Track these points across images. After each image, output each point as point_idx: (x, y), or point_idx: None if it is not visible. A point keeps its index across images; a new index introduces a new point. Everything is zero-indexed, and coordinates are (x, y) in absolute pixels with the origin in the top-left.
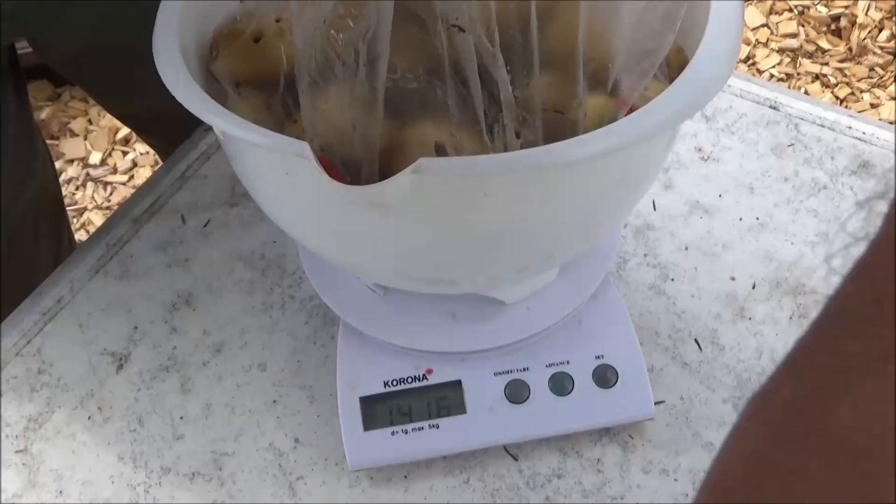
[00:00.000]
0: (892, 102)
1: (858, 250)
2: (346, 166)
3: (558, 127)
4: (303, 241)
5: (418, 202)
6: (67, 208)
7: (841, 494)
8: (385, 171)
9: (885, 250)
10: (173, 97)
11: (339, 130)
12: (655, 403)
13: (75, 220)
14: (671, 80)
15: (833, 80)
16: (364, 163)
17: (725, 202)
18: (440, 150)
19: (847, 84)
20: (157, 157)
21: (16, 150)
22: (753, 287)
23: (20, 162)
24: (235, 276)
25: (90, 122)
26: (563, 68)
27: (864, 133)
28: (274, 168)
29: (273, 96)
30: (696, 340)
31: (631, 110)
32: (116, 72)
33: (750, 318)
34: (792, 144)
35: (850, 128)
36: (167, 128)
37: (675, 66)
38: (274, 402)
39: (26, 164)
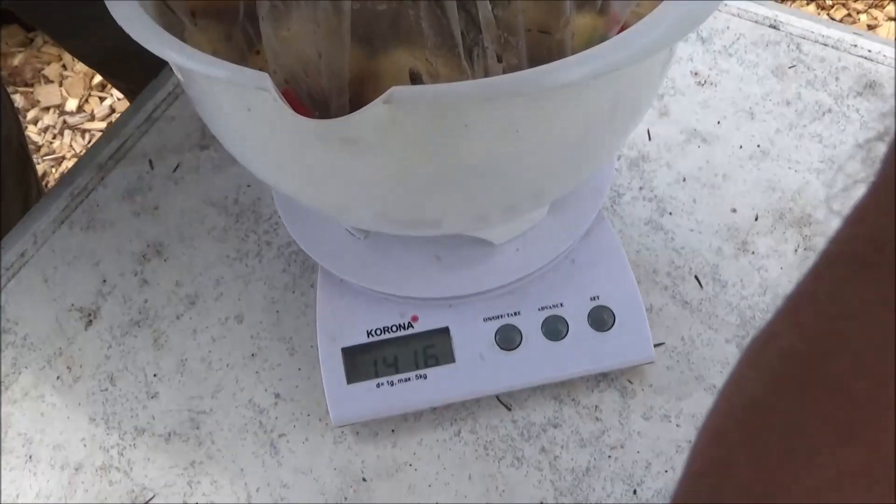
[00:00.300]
0: (890, 23)
1: (858, 192)
2: (314, 99)
3: (544, 49)
4: (273, 185)
5: (393, 136)
6: (45, 158)
7: (841, 443)
8: (356, 104)
9: (884, 193)
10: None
11: (304, 59)
12: (655, 346)
13: (54, 170)
14: None
15: (829, 2)
16: (332, 95)
17: (724, 129)
18: (415, 79)
19: (843, 5)
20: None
21: None
22: (756, 219)
23: None
24: (208, 224)
25: (65, 67)
26: None
27: (869, 51)
28: (234, 104)
29: (233, 26)
30: (696, 277)
31: (622, 29)
32: (72, 10)
33: (753, 252)
34: (794, 66)
35: (854, 46)
36: (132, 69)
37: None
38: (252, 355)
39: None
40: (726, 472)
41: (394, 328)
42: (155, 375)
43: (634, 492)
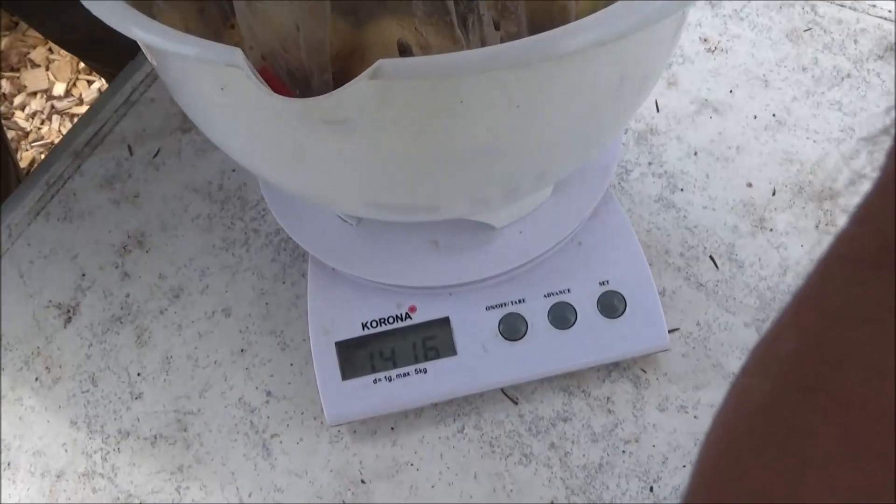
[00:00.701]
0: None
1: (865, 187)
2: (293, 77)
3: (545, 15)
4: (254, 171)
5: (381, 115)
6: (33, 144)
7: (849, 452)
8: (341, 80)
9: (888, 192)
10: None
11: (282, 33)
12: (669, 332)
13: (42, 157)
14: None
15: None
16: (314, 71)
17: (737, 98)
18: (404, 51)
19: None
20: None
21: None
22: (773, 193)
23: None
24: (192, 212)
25: (51, 51)
26: None
27: (889, 11)
28: (207, 84)
29: (206, 0)
30: (711, 258)
31: None
32: None
33: (771, 230)
34: (809, 29)
35: (873, 6)
36: (110, 52)
37: None
38: (241, 351)
39: None
40: (733, 482)
41: (390, 320)
42: (139, 375)
43: (651, 489)
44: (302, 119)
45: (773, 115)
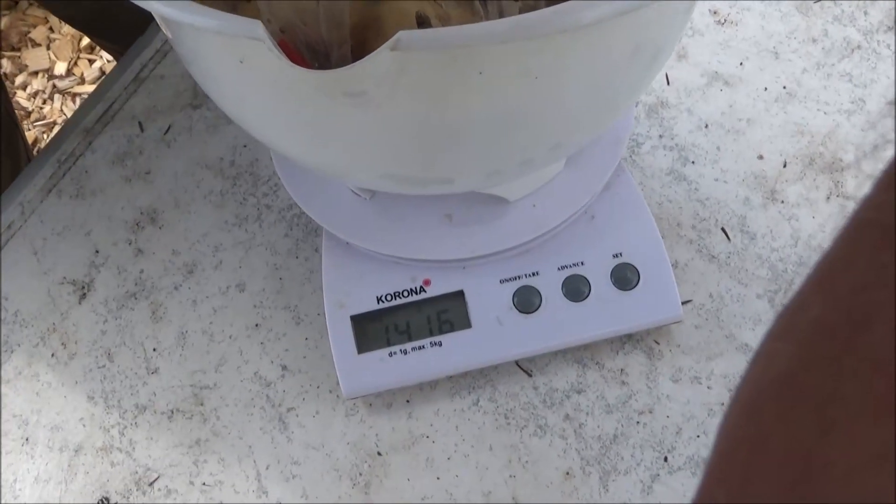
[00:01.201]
0: None
1: (889, 153)
2: (313, 50)
3: None
4: (271, 145)
5: (400, 86)
6: (35, 124)
7: (877, 417)
8: (358, 53)
9: None
10: None
11: (301, 7)
12: (682, 303)
13: (45, 136)
14: None
15: None
16: (333, 45)
17: (747, 71)
18: (423, 23)
19: None
20: None
21: None
22: (784, 165)
23: None
24: (204, 188)
25: (52, 30)
26: None
27: None
28: (226, 57)
29: None
30: (723, 230)
31: None
32: None
33: (782, 202)
34: (819, 0)
35: None
36: (119, 28)
37: None
38: (256, 325)
39: None
40: (759, 451)
41: (405, 293)
42: (154, 350)
43: (665, 459)
44: (322, 91)
45: (784, 87)
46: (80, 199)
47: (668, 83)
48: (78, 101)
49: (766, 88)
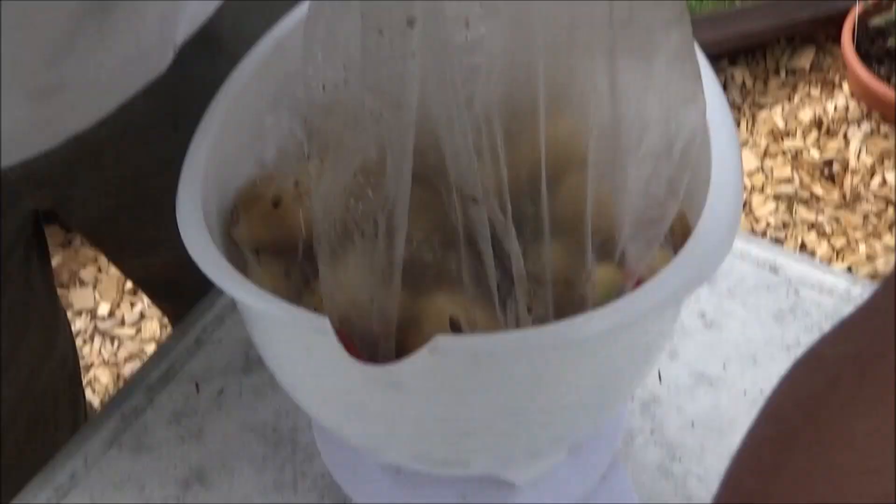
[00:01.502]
0: (889, 254)
1: None
2: (363, 341)
3: (568, 300)
4: (319, 418)
5: (434, 380)
6: None
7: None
8: (399, 344)
9: None
10: (190, 262)
11: (358, 304)
12: None
13: (84, 378)
14: (675, 246)
15: (829, 230)
16: (381, 338)
17: (730, 373)
18: (454, 325)
19: (843, 234)
20: None
21: (41, 324)
22: None
23: (43, 336)
24: (248, 451)
25: (99, 269)
26: (573, 236)
27: (862, 296)
28: (293, 342)
29: (292, 263)
30: None
31: (637, 281)
32: (136, 234)
33: None
34: (792, 310)
35: (848, 293)
36: (179, 293)
37: (678, 232)
38: None
39: (48, 337)
40: (787, 452)
41: None
42: None
43: None
44: (369, 380)
45: (761, 391)
46: (139, 454)
47: (661, 381)
48: (116, 342)
49: (745, 392)
